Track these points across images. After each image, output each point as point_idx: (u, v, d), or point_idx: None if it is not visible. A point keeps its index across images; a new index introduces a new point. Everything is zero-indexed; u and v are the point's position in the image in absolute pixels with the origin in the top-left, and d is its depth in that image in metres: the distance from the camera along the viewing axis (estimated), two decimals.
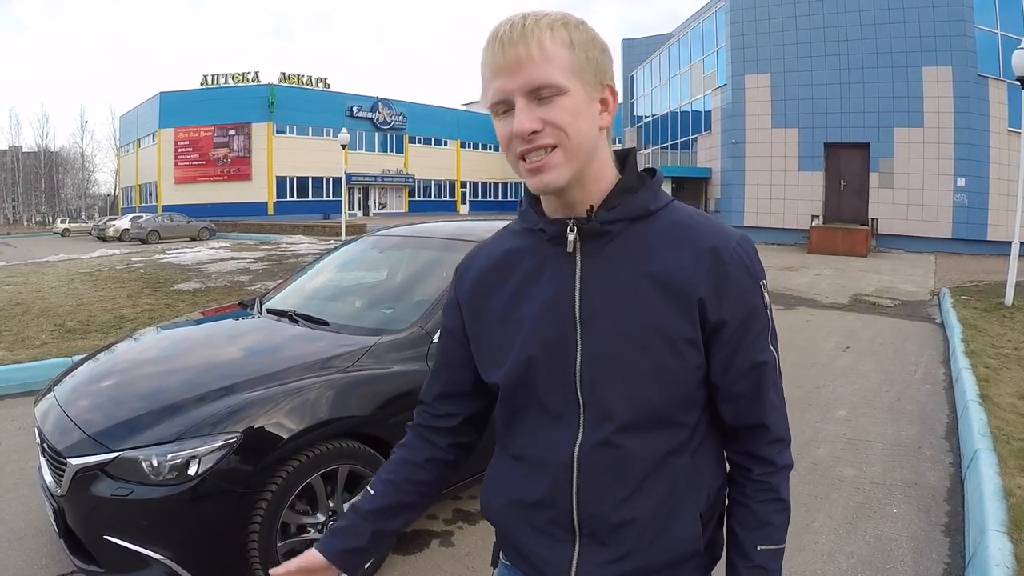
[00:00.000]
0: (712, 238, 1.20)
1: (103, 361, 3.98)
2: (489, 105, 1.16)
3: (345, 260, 5.33)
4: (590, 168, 1.18)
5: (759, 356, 1.24)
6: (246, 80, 51.97)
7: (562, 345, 1.22)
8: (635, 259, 1.20)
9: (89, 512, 2.96)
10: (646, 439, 1.21)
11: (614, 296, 1.19)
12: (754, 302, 1.22)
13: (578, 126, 1.12)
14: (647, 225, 1.21)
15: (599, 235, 1.20)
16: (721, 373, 1.24)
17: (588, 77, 1.14)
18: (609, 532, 1.23)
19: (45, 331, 8.90)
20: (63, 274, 16.23)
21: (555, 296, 1.23)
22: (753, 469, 1.29)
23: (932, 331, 9.83)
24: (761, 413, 1.27)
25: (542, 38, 1.09)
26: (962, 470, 4.75)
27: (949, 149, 21.11)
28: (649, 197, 1.22)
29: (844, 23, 22.59)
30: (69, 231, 52.38)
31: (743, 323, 1.21)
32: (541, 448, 1.27)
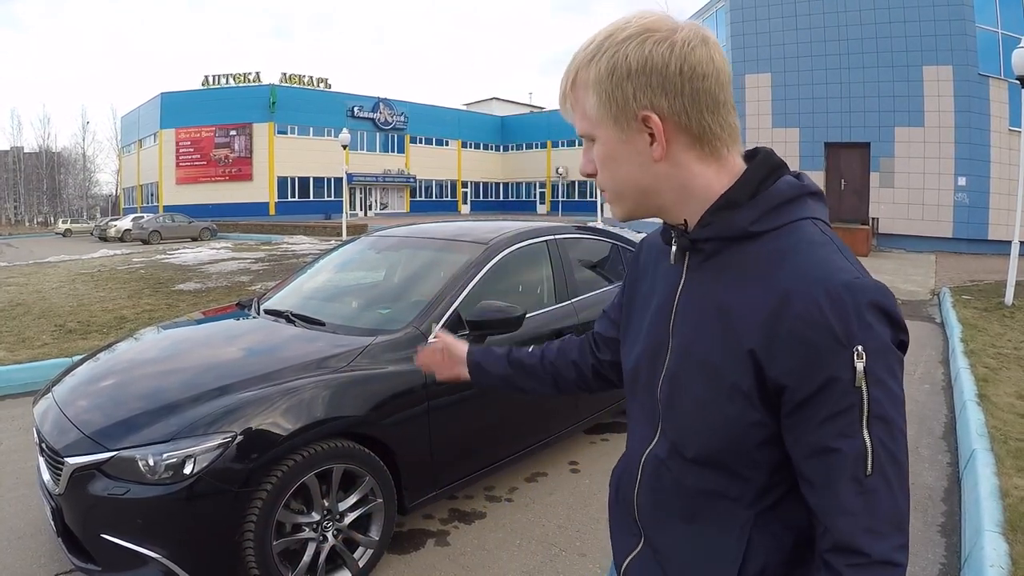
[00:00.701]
0: (793, 279, 0.99)
1: (101, 362, 4.00)
2: None
3: (343, 261, 5.34)
4: (662, 198, 1.11)
5: (833, 441, 0.97)
6: (247, 80, 52.00)
7: (656, 352, 1.20)
8: (717, 283, 1.09)
9: (86, 511, 2.98)
10: (697, 472, 1.13)
11: (689, 316, 1.13)
12: (831, 372, 0.95)
13: (612, 171, 1.10)
14: (749, 247, 1.07)
15: (695, 251, 1.13)
16: (790, 444, 1.03)
17: (616, 113, 1.06)
18: (658, 547, 1.23)
19: (46, 331, 8.92)
20: (64, 274, 16.26)
21: (662, 302, 1.21)
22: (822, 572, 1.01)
23: (932, 331, 9.82)
24: (827, 511, 0.99)
25: (577, 84, 1.09)
26: (959, 470, 4.75)
27: (950, 148, 21.08)
28: (750, 216, 1.07)
29: (844, 22, 22.56)
30: (71, 231, 52.46)
31: (813, 395, 0.97)
32: (633, 440, 1.31)
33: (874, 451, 0.95)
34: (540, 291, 4.72)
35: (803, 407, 0.98)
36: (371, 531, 3.45)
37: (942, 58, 20.86)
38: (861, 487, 0.95)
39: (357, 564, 3.37)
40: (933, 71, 21.06)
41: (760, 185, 1.08)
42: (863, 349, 0.94)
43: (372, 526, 3.46)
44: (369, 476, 3.38)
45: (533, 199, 64.41)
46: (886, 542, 0.96)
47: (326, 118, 52.66)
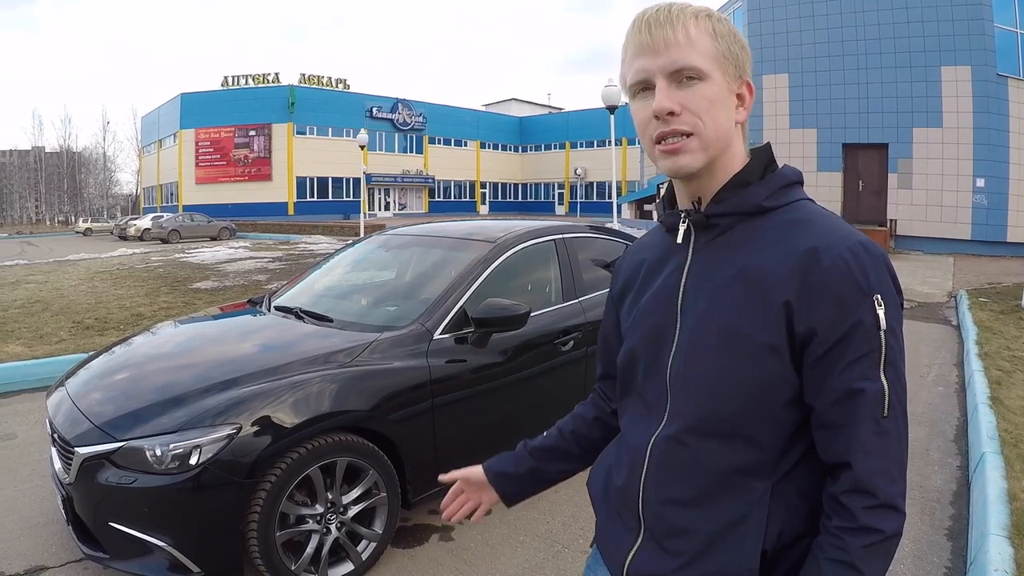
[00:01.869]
0: (816, 238, 1.11)
1: (114, 356, 4.07)
2: (629, 84, 1.18)
3: (354, 259, 5.38)
4: (721, 160, 1.18)
5: (857, 383, 1.07)
6: (266, 81, 52.33)
7: (660, 335, 1.23)
8: (733, 254, 1.17)
9: (95, 500, 3.05)
10: (714, 447, 1.16)
11: (707, 291, 1.18)
12: (857, 316, 1.07)
13: (715, 114, 1.14)
14: (760, 222, 1.18)
15: (708, 228, 1.21)
16: (813, 394, 1.11)
17: (729, 68, 1.16)
18: (666, 535, 1.21)
19: (63, 328, 9.04)
20: (83, 272, 16.45)
21: (666, 287, 1.25)
22: (832, 518, 1.09)
23: (948, 333, 9.75)
24: (848, 450, 1.08)
25: (687, 24, 1.12)
26: (969, 473, 4.72)
27: (968, 149, 20.87)
28: (762, 193, 1.18)
29: (862, 23, 22.41)
30: (91, 230, 52.92)
31: (841, 340, 1.07)
32: (632, 434, 1.30)
33: (889, 394, 1.07)
34: (548, 290, 4.73)
35: (831, 352, 1.07)
36: (375, 525, 3.49)
37: (960, 58, 20.67)
38: (879, 428, 1.07)
39: (360, 557, 3.40)
40: (951, 71, 20.87)
41: (766, 169, 1.21)
42: (881, 298, 1.08)
43: (376, 520, 3.49)
44: (373, 470, 3.41)
45: (552, 200, 64.36)
46: (895, 487, 1.08)
47: (345, 119, 52.91)
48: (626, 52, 1.18)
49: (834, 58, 23.03)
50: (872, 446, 1.07)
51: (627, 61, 1.17)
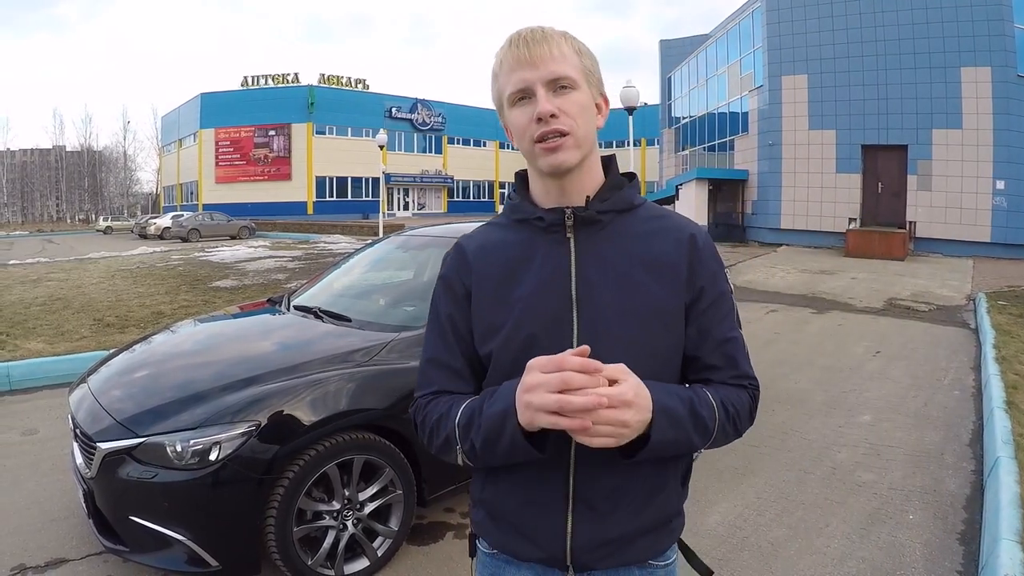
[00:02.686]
0: (688, 228, 1.39)
1: (135, 353, 4.14)
2: (509, 94, 1.32)
3: (372, 259, 5.43)
4: (589, 160, 1.36)
5: (730, 332, 1.39)
6: (286, 81, 52.64)
7: (559, 323, 1.31)
8: (626, 244, 1.35)
9: (116, 494, 3.11)
10: None
11: (609, 277, 1.32)
12: (723, 286, 1.40)
13: (585, 117, 1.32)
14: (630, 217, 1.39)
15: (592, 223, 1.35)
16: (694, 346, 1.37)
17: (592, 80, 1.35)
18: (602, 499, 1.32)
19: (84, 325, 9.15)
20: (104, 271, 16.61)
21: (551, 278, 1.33)
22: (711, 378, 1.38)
23: (966, 336, 9.69)
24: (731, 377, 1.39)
25: (560, 42, 1.31)
26: (983, 478, 4.70)
27: (988, 151, 20.66)
28: (633, 194, 1.41)
29: (881, 23, 22.25)
30: (111, 229, 53.40)
31: (714, 301, 1.37)
32: None
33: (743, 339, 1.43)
34: None
35: (711, 311, 1.36)
36: (390, 522, 3.53)
37: (980, 59, 20.47)
38: (746, 359, 1.42)
39: (376, 553, 3.45)
40: (971, 72, 20.68)
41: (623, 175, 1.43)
42: (727, 270, 1.37)
43: (392, 517, 3.54)
44: (389, 468, 3.46)
45: None
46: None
47: (364, 119, 53.13)
48: (502, 67, 1.33)
49: (853, 59, 22.87)
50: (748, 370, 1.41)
51: (505, 74, 1.32)
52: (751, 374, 1.42)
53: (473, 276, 1.41)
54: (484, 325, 1.38)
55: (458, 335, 1.43)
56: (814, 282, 14.92)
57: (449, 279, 1.46)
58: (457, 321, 1.43)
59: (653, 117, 40.82)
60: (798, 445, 5.31)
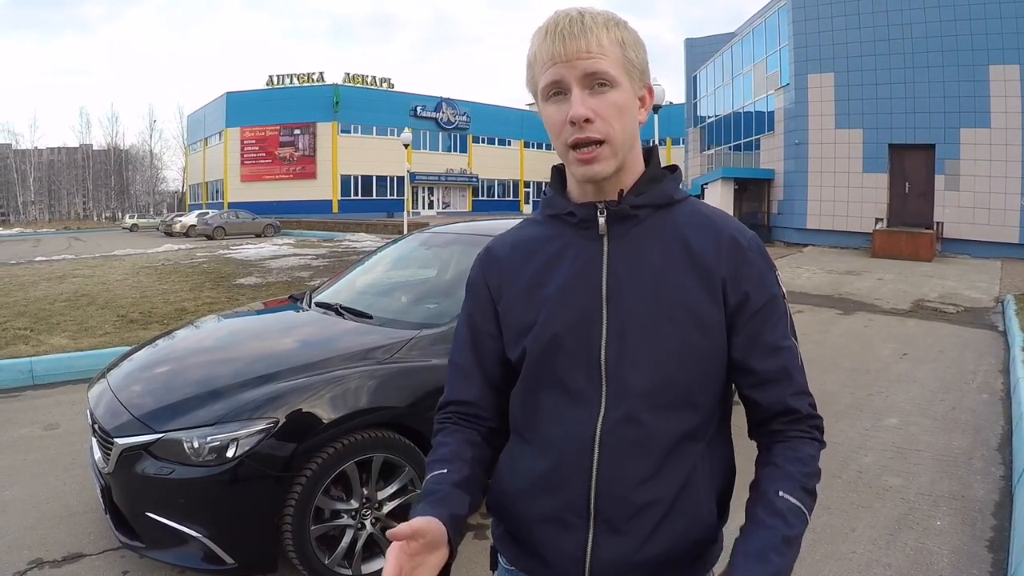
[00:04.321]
0: (731, 228, 1.29)
1: (155, 349, 4.14)
2: (542, 87, 1.22)
3: (394, 257, 5.42)
4: (628, 158, 1.25)
5: (783, 341, 1.28)
6: (311, 80, 52.95)
7: (587, 322, 1.24)
8: (662, 241, 1.26)
9: (133, 489, 3.11)
10: (668, 417, 1.22)
11: (642, 275, 1.24)
12: (773, 290, 1.28)
13: (623, 120, 1.21)
14: (670, 213, 1.29)
15: (626, 218, 1.26)
16: (744, 356, 1.27)
17: (635, 74, 1.23)
18: (628, 517, 1.21)
19: (108, 321, 9.22)
20: (129, 267, 16.74)
21: (580, 275, 1.26)
22: (786, 432, 1.28)
23: (994, 339, 9.53)
24: (788, 396, 1.28)
25: (600, 34, 1.18)
26: (1012, 484, 4.59)
27: (1017, 151, 20.33)
28: (672, 188, 1.30)
29: (908, 20, 21.98)
30: (137, 226, 53.97)
31: (764, 307, 1.26)
32: (558, 429, 1.26)
33: (798, 348, 1.31)
34: None
35: (759, 316, 1.26)
36: None
37: (1009, 57, 20.15)
38: (802, 373, 1.30)
39: None
40: (1000, 70, 20.36)
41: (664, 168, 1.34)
42: (778, 273, 1.32)
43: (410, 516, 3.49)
44: (409, 467, 3.43)
45: None
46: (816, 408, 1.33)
47: (389, 117, 53.33)
48: (536, 58, 1.22)
49: (880, 57, 22.62)
50: (804, 386, 1.30)
51: (539, 66, 1.22)
52: (807, 390, 1.31)
53: (503, 277, 1.36)
54: (515, 326, 1.33)
55: (473, 339, 1.41)
56: (840, 283, 14.76)
57: (473, 282, 1.43)
58: (475, 325, 1.41)
59: (678, 116, 40.57)
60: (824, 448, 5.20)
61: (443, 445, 1.36)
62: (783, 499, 1.20)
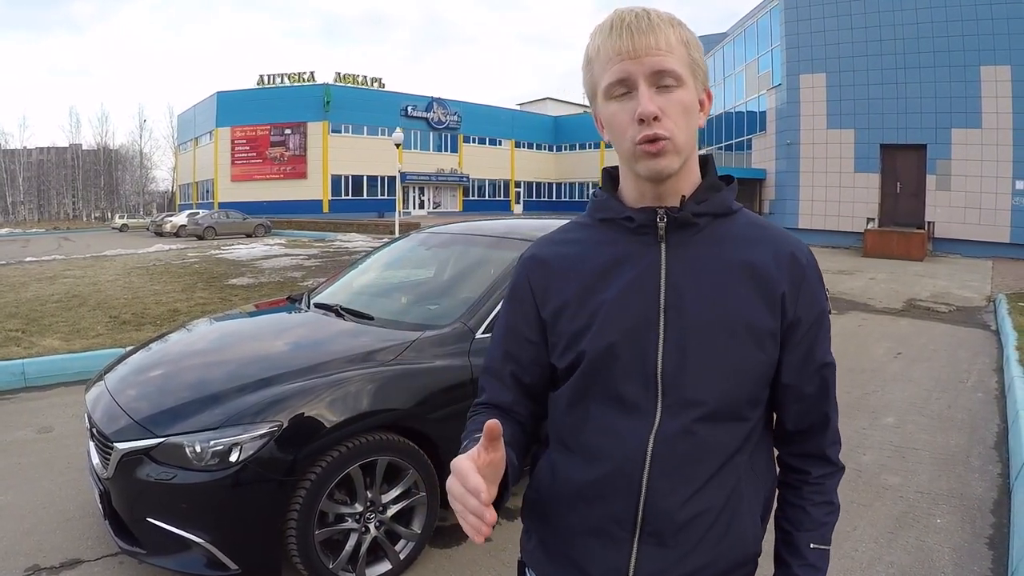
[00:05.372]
0: (790, 243, 1.27)
1: (153, 351, 4.10)
2: (605, 86, 1.18)
3: (393, 257, 5.39)
4: (688, 161, 1.23)
5: (827, 357, 1.29)
6: (302, 80, 52.74)
7: (644, 331, 1.21)
8: (723, 251, 1.23)
9: (133, 495, 3.06)
10: (720, 431, 1.21)
11: (703, 285, 1.21)
12: (824, 305, 1.29)
13: (688, 120, 1.18)
14: (728, 223, 1.26)
15: (686, 226, 1.23)
16: (795, 372, 1.27)
17: (699, 75, 1.21)
18: (674, 531, 1.20)
19: (100, 323, 9.15)
20: (120, 268, 16.66)
21: (638, 283, 1.23)
22: (812, 472, 1.34)
23: (986, 338, 9.59)
24: (826, 414, 1.32)
25: (667, 32, 1.15)
26: (1010, 481, 4.62)
27: (1008, 151, 20.49)
28: (731, 197, 1.28)
29: (900, 22, 22.11)
30: (127, 227, 53.75)
31: (815, 323, 1.26)
32: (609, 439, 1.23)
33: None
34: None
35: (811, 333, 1.26)
36: (413, 524, 3.48)
37: (1000, 58, 20.30)
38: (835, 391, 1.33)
39: (398, 556, 3.40)
40: (991, 71, 20.50)
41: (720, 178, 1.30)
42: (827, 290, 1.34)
43: (414, 519, 3.49)
44: (413, 469, 3.40)
45: (586, 199, 63.61)
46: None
47: (380, 117, 53.18)
48: (599, 54, 1.18)
49: (872, 57, 22.75)
50: (836, 406, 1.34)
51: (602, 63, 1.18)
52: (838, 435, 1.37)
53: (551, 282, 1.32)
54: (565, 334, 1.28)
55: (513, 345, 1.37)
56: (833, 282, 14.79)
57: (517, 286, 1.38)
58: (516, 330, 1.37)
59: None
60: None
61: (483, 418, 1.32)
62: (815, 551, 1.31)
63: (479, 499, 0.97)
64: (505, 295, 1.41)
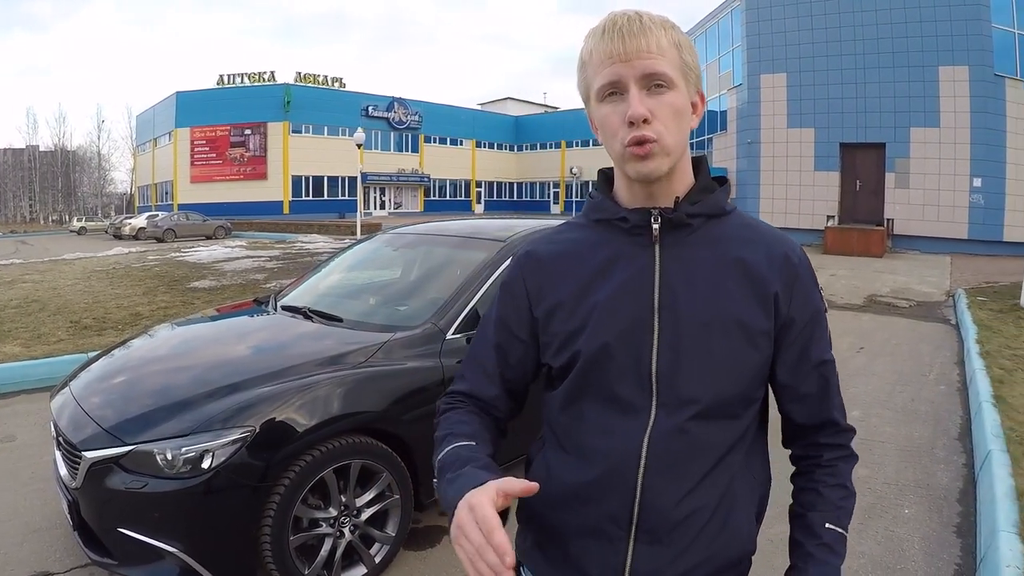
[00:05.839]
0: (782, 243, 1.29)
1: (118, 357, 4.01)
2: (597, 88, 1.20)
3: (360, 258, 5.35)
4: (680, 163, 1.24)
5: (825, 355, 1.30)
6: (262, 80, 52.19)
7: (638, 331, 1.22)
8: (716, 252, 1.25)
9: (103, 505, 3.00)
10: (714, 429, 1.22)
11: (697, 285, 1.22)
12: (818, 304, 1.30)
13: (678, 123, 1.20)
14: (722, 223, 1.28)
15: (680, 227, 1.25)
16: (791, 371, 1.29)
17: (691, 79, 1.23)
18: (668, 529, 1.21)
19: (61, 328, 8.98)
20: (79, 272, 16.36)
21: (633, 283, 1.24)
22: (823, 455, 1.33)
23: (947, 332, 9.78)
24: (830, 409, 1.32)
25: (659, 35, 1.17)
26: (975, 471, 4.72)
27: (965, 149, 20.93)
28: (724, 199, 1.30)
29: (860, 23, 22.45)
30: (85, 229, 52.71)
31: (810, 322, 1.28)
32: (604, 439, 1.24)
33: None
34: None
35: (806, 332, 1.27)
36: (388, 527, 3.46)
37: (958, 58, 20.73)
38: (838, 387, 1.35)
39: (373, 560, 3.38)
40: (949, 71, 20.93)
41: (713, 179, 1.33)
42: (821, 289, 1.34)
43: (389, 522, 3.47)
44: (386, 472, 3.38)
45: (547, 199, 64.44)
46: None
47: (341, 117, 52.82)
48: (592, 57, 1.20)
49: (832, 57, 23.08)
50: (840, 401, 1.35)
51: (595, 66, 1.20)
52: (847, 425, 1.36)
53: (545, 281, 1.33)
54: (559, 334, 1.29)
55: (502, 341, 1.38)
56: None
57: (510, 283, 1.39)
58: (506, 326, 1.38)
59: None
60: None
61: (463, 423, 1.34)
62: (830, 531, 1.27)
63: (504, 563, 0.96)
64: (499, 290, 1.42)
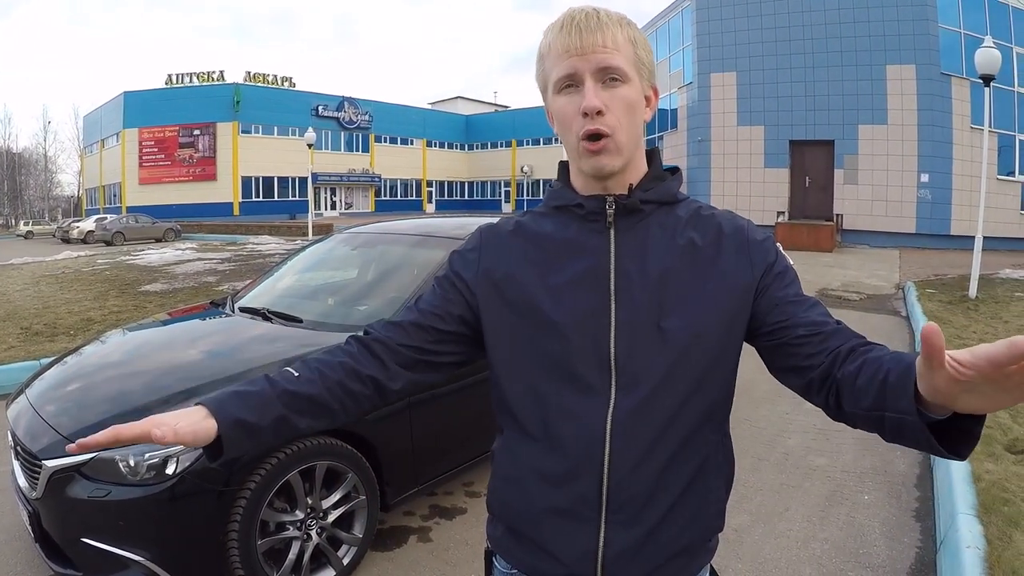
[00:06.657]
0: (733, 220, 1.33)
1: (75, 363, 3.92)
2: (554, 80, 1.25)
3: (317, 258, 5.30)
4: (634, 156, 1.29)
5: (801, 295, 1.29)
6: (211, 79, 51.36)
7: (596, 315, 1.24)
8: (667, 236, 1.28)
9: (65, 515, 2.93)
10: (680, 406, 1.23)
11: (650, 269, 1.25)
12: (784, 262, 1.32)
13: (632, 116, 1.24)
14: (673, 210, 1.31)
15: (633, 212, 1.28)
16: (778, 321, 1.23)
17: (644, 74, 1.27)
18: (637, 509, 1.23)
19: (11, 334, 8.75)
20: (28, 277, 15.94)
21: (589, 268, 1.26)
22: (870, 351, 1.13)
23: (897, 324, 9.99)
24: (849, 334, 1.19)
25: (615, 31, 1.22)
26: (931, 458, 4.83)
27: (913, 146, 21.45)
28: (675, 186, 1.34)
29: (809, 22, 22.87)
30: (32, 233, 51.36)
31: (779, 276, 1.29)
32: (568, 422, 1.25)
33: None
34: None
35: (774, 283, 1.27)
36: (355, 528, 3.44)
37: (905, 57, 21.23)
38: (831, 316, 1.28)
39: (341, 562, 3.36)
40: (896, 70, 21.43)
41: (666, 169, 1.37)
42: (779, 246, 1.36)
43: (356, 523, 3.45)
44: (352, 473, 3.36)
45: (498, 198, 64.36)
46: None
47: (291, 117, 52.15)
48: (550, 50, 1.25)
49: (781, 56, 23.46)
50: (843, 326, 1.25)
51: (553, 58, 1.24)
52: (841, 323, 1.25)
53: (502, 262, 1.34)
54: (517, 323, 1.30)
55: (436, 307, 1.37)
56: None
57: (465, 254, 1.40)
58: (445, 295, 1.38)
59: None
60: (749, 433, 5.41)
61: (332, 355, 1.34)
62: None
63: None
64: (450, 259, 1.42)
